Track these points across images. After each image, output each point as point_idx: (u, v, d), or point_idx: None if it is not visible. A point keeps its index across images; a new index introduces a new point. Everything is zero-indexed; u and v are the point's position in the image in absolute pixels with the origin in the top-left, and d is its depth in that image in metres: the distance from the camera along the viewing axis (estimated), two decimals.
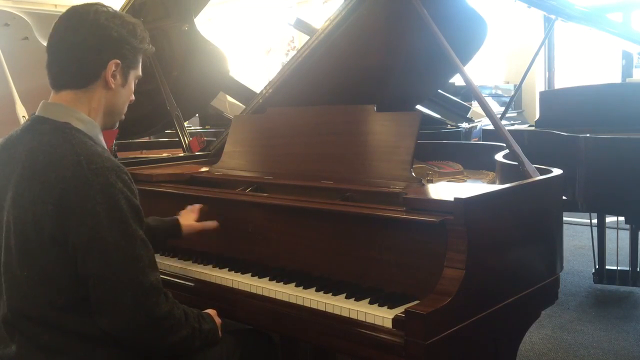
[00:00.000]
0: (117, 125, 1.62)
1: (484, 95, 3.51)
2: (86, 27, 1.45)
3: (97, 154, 1.38)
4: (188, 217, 1.95)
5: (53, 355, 1.37)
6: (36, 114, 1.48)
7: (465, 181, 2.32)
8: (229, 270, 1.83)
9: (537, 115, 4.16)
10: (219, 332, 1.60)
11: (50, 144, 1.38)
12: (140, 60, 1.57)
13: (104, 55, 1.46)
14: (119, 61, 1.48)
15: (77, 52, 1.45)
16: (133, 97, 1.60)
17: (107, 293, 1.34)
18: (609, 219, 3.97)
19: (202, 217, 1.96)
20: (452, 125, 4.50)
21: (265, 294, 1.68)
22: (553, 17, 3.77)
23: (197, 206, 1.98)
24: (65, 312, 1.36)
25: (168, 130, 3.89)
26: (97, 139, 1.48)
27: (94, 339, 1.38)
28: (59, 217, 1.32)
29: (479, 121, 4.95)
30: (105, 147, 1.50)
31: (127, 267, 1.34)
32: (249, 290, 1.72)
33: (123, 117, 1.60)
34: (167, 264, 1.97)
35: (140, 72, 1.59)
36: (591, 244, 3.88)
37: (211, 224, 1.94)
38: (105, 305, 1.35)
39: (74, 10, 1.48)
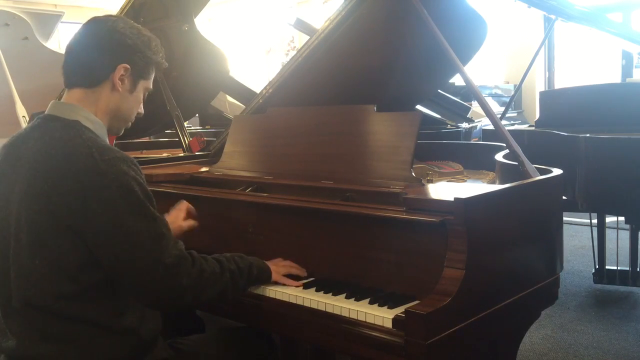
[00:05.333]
0: (122, 132, 1.65)
1: (484, 95, 3.51)
2: (103, 31, 1.54)
3: (107, 147, 1.44)
4: (176, 217, 1.86)
5: (58, 345, 1.40)
6: (46, 112, 1.51)
7: (465, 181, 2.31)
8: None
9: (537, 115, 4.16)
10: (266, 266, 1.67)
11: (62, 139, 1.42)
12: (152, 73, 1.62)
13: (114, 58, 1.52)
14: (128, 66, 1.54)
15: (91, 52, 1.53)
16: (142, 110, 1.65)
17: (140, 273, 1.40)
18: (609, 219, 3.97)
19: (190, 217, 1.88)
20: (452, 125, 4.50)
21: (265, 293, 1.67)
22: (553, 17, 3.77)
23: (184, 205, 1.90)
24: (71, 300, 1.39)
25: (168, 130, 3.89)
26: (103, 139, 1.51)
27: (99, 326, 1.41)
28: (76, 207, 1.36)
29: (479, 121, 4.95)
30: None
31: (154, 246, 1.40)
32: (248, 290, 1.72)
33: (129, 124, 1.64)
34: None
35: (150, 85, 1.64)
36: (591, 244, 3.88)
37: (195, 223, 1.87)
38: (141, 285, 1.42)
39: (96, 18, 1.58)
